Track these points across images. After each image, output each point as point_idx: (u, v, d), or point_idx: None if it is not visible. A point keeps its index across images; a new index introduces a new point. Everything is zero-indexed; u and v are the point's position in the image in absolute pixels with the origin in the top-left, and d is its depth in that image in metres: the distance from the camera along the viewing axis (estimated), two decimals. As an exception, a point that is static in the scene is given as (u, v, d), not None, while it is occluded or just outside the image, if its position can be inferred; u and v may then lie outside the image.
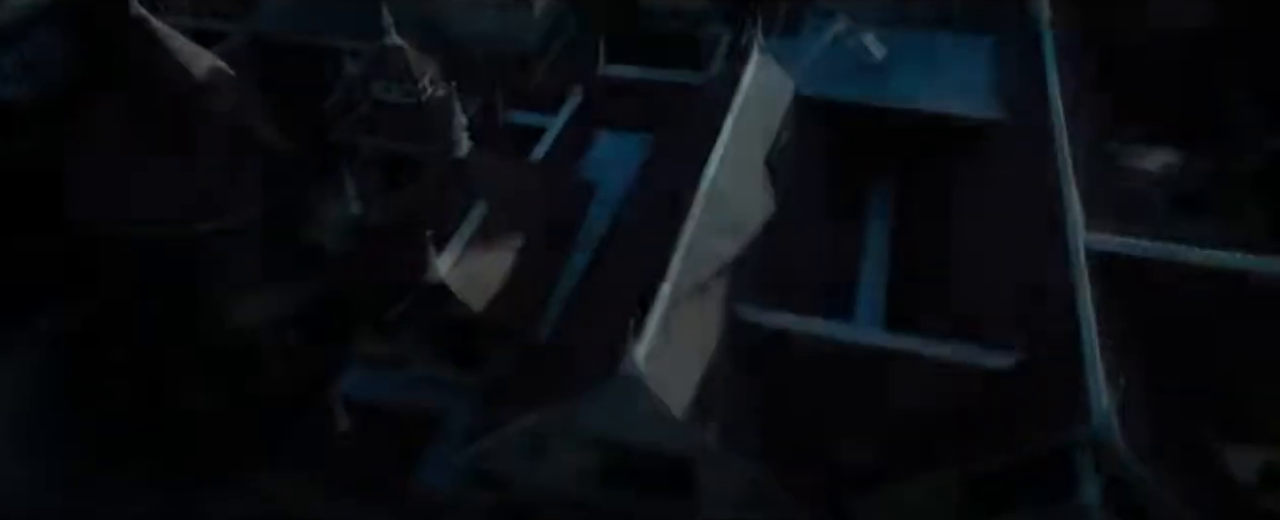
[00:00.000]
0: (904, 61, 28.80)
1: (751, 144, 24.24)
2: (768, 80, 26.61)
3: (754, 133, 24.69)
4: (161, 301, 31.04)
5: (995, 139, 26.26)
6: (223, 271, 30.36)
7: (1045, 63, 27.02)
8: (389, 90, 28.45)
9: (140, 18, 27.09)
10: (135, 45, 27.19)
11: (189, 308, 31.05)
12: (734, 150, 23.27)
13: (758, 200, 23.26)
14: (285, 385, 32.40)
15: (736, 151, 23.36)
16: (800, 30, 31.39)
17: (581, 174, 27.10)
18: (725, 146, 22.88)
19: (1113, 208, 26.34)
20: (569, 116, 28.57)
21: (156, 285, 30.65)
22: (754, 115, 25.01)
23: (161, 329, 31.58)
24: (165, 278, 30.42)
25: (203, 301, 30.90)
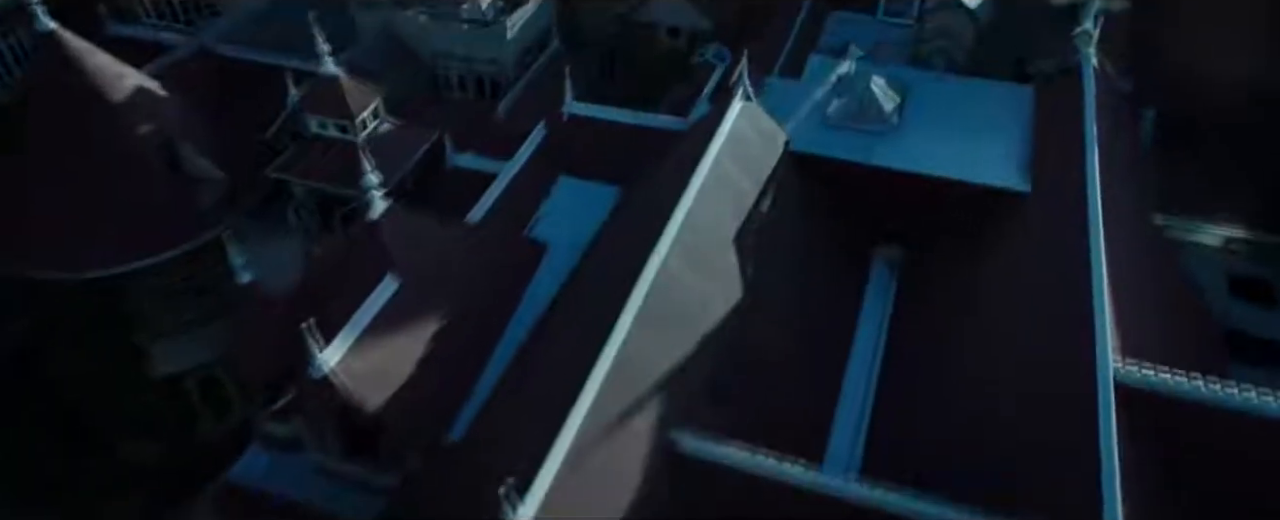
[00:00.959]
0: (919, 112, 25.00)
1: (720, 213, 20.76)
2: (752, 132, 23.07)
3: (726, 199, 21.19)
4: (79, 346, 28.64)
5: (1018, 214, 22.41)
6: (142, 316, 27.83)
7: (1084, 122, 23.11)
8: (324, 126, 25.53)
9: (47, 33, 24.47)
10: (41, 66, 24.62)
11: (107, 354, 28.59)
12: (697, 220, 19.82)
13: (720, 286, 19.80)
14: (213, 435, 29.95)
15: (700, 221, 19.91)
16: (807, 67, 27.78)
17: (531, 232, 23.86)
18: (685, 217, 19.44)
19: (1159, 297, 22.61)
20: (527, 159, 25.32)
21: (72, 329, 28.23)
22: (729, 176, 21.51)
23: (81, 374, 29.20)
24: (80, 321, 27.98)
25: (121, 347, 28.42)
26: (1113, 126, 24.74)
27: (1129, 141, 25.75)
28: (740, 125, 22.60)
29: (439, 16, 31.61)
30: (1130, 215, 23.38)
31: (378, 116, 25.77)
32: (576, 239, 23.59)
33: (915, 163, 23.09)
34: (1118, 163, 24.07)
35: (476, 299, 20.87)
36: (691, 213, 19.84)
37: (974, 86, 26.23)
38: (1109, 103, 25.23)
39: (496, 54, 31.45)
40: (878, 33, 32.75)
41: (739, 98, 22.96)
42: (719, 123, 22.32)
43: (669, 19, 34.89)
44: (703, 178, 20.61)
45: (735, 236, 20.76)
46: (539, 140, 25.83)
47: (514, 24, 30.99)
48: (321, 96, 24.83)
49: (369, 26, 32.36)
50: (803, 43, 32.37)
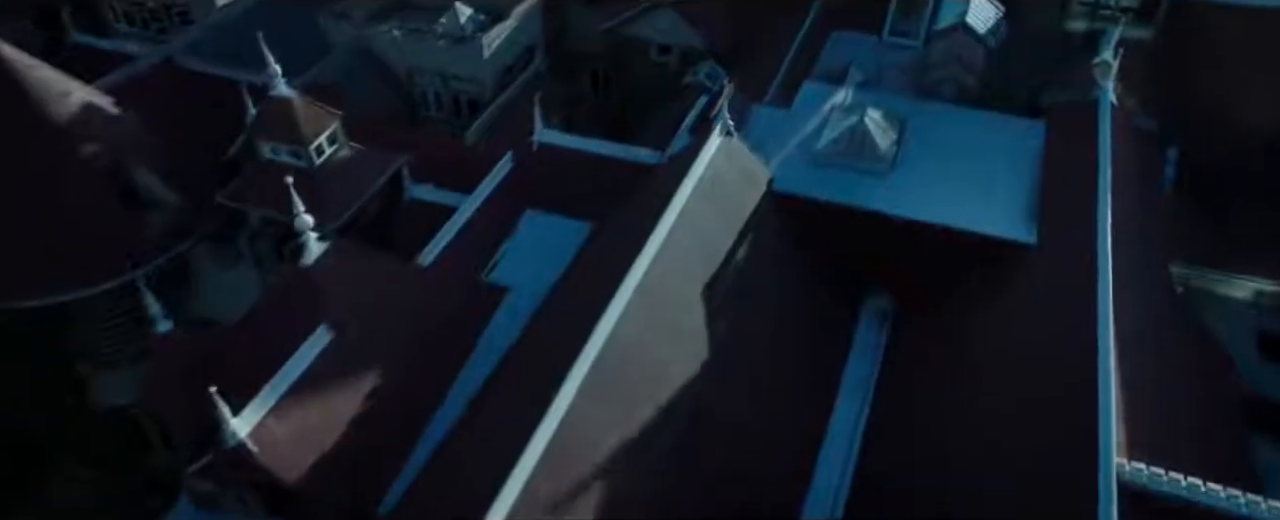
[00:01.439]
0: (918, 149, 23.15)
1: (688, 264, 19.05)
2: (730, 171, 21.34)
3: (696, 247, 19.48)
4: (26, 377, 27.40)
5: (1022, 267, 20.54)
6: (85, 346, 26.53)
7: (1099, 165, 21.18)
8: (277, 152, 24.07)
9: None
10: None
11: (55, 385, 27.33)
12: (660, 273, 18.12)
13: (684, 348, 18.09)
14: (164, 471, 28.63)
15: (664, 275, 18.21)
16: (799, 95, 25.96)
17: (490, 274, 22.27)
18: (645, 271, 17.76)
19: (1176, 360, 20.66)
20: (491, 191, 23.72)
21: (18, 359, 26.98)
22: (701, 222, 19.80)
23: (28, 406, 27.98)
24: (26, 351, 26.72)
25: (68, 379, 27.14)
26: (1131, 167, 22.82)
27: (1149, 184, 23.79)
28: (717, 164, 20.87)
29: (413, 32, 30.13)
30: (1147, 266, 21.50)
31: (336, 141, 24.25)
32: (541, 282, 21.93)
33: (910, 208, 21.24)
34: (1135, 208, 22.17)
35: (422, 352, 19.28)
36: (654, 266, 18.14)
37: (980, 120, 24.31)
38: (1128, 141, 23.29)
39: (474, 72, 29.92)
40: (882, 55, 30.78)
41: (717, 133, 21.24)
42: (692, 161, 20.65)
43: (660, 36, 33.19)
44: (669, 226, 18.90)
45: (704, 290, 19.04)
46: (506, 171, 24.22)
47: (492, 41, 29.43)
48: (272, 120, 23.36)
49: (342, 40, 30.94)
50: (801, 64, 30.48)
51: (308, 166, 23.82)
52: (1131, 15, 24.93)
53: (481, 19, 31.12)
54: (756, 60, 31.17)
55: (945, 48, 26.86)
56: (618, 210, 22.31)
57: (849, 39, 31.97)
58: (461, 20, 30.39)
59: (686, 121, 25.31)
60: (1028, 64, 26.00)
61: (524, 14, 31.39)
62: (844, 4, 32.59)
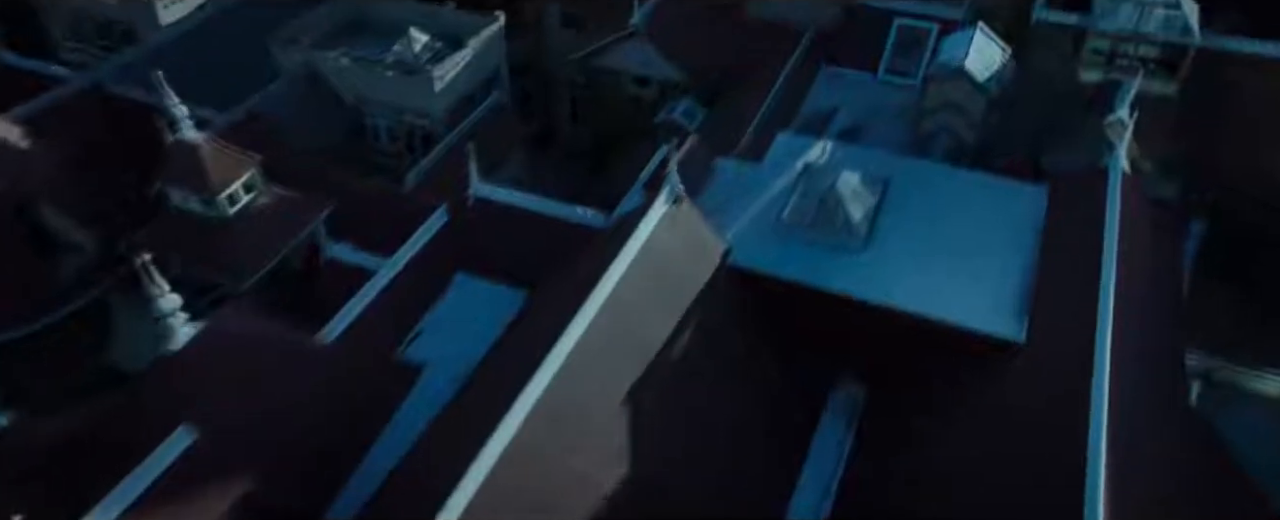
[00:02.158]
0: (898, 218, 20.56)
1: (614, 361, 16.63)
2: (676, 244, 18.90)
3: (626, 338, 17.07)
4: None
5: (1010, 366, 17.93)
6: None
7: (1104, 247, 18.50)
8: (186, 199, 22.00)
9: None
10: None
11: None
12: (577, 373, 15.74)
13: (599, 460, 15.68)
14: None
15: (581, 376, 15.82)
16: (772, 147, 23.45)
17: (406, 350, 20.04)
18: (557, 373, 15.38)
19: (1188, 472, 17.95)
20: (418, 251, 21.49)
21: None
22: (633, 308, 17.38)
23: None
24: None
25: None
26: (1146, 243, 20.11)
27: (1167, 262, 21.01)
28: (659, 237, 18.43)
29: (361, 60, 27.99)
30: (1158, 366, 18.80)
31: (253, 188, 22.15)
32: (465, 358, 19.62)
33: (882, 290, 18.68)
34: (1148, 291, 19.52)
35: (312, 449, 17.09)
36: (569, 365, 15.76)
37: (973, 182, 21.65)
38: (1143, 213, 20.56)
39: (425, 106, 27.73)
40: (875, 96, 28.31)
41: (661, 201, 18.81)
42: (629, 234, 18.24)
43: (635, 67, 30.84)
44: (592, 316, 16.50)
45: (632, 391, 16.65)
46: (437, 227, 21.98)
47: (444, 73, 27.19)
48: (179, 166, 21.30)
49: (289, 66, 28.88)
50: (785, 104, 28.08)
51: (218, 217, 21.76)
52: (1152, 67, 22.15)
53: (438, 46, 28.92)
54: (739, 97, 28.69)
55: (940, 94, 24.26)
56: (548, 284, 20.01)
57: (841, 76, 29.52)
58: (416, 48, 28.21)
59: (644, 174, 22.90)
60: (1034, 116, 23.30)
61: (484, 42, 29.15)
62: (838, 35, 30.18)
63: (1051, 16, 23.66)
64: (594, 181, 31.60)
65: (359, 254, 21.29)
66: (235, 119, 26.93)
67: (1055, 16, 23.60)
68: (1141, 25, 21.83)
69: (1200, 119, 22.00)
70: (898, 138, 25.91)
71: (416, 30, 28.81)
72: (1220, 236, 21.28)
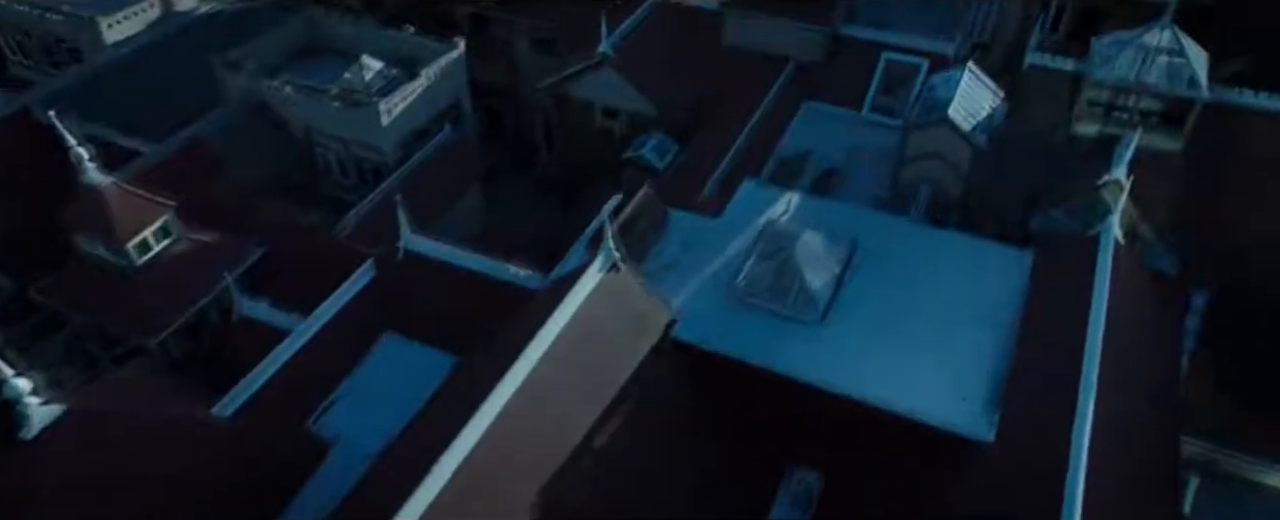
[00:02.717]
0: (864, 287, 18.75)
1: (525, 451, 14.96)
2: (611, 316, 17.16)
3: (543, 426, 15.40)
4: None
5: (975, 468, 16.10)
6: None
7: (1089, 328, 16.64)
8: (94, 246, 20.52)
9: None
10: None
11: None
12: (482, 467, 14.12)
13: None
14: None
15: (486, 469, 14.20)
16: (735, 197, 21.67)
17: (318, 420, 18.42)
18: (458, 468, 13.76)
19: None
20: (341, 309, 19.89)
21: None
22: (556, 390, 15.70)
23: None
24: None
25: None
26: (1139, 319, 18.22)
27: (1165, 340, 19.08)
28: (593, 309, 16.71)
29: (307, 89, 26.45)
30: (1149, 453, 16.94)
31: (168, 235, 20.66)
32: (381, 432, 17.98)
33: (839, 375, 16.85)
34: (1140, 373, 17.68)
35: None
36: (480, 452, 14.19)
37: (952, 246, 19.79)
38: (1137, 286, 18.67)
39: (372, 139, 26.16)
40: (857, 136, 26.38)
41: (597, 266, 17.11)
42: (560, 303, 16.55)
43: (604, 98, 29.15)
44: (507, 398, 14.85)
45: (552, 482, 14.97)
46: (363, 283, 20.38)
47: (393, 107, 25.61)
48: (85, 211, 19.86)
49: (235, 92, 27.40)
50: (760, 143, 26.24)
51: (127, 266, 20.30)
52: (1155, 121, 20.21)
53: (393, 74, 27.33)
54: (711, 134, 26.90)
55: (922, 143, 22.37)
56: (474, 353, 18.35)
57: (823, 113, 27.58)
58: (367, 76, 26.64)
59: (594, 225, 21.19)
60: (1025, 170, 21.37)
61: (442, 71, 27.56)
62: (821, 68, 28.33)
63: (1045, 62, 21.81)
64: (569, 214, 29.99)
65: (275, 313, 19.68)
66: (171, 150, 25.54)
67: (1049, 62, 21.74)
68: (1143, 75, 19.92)
69: (1207, 180, 19.98)
70: (878, 186, 24.05)
71: (369, 57, 27.25)
72: (1226, 312, 19.33)
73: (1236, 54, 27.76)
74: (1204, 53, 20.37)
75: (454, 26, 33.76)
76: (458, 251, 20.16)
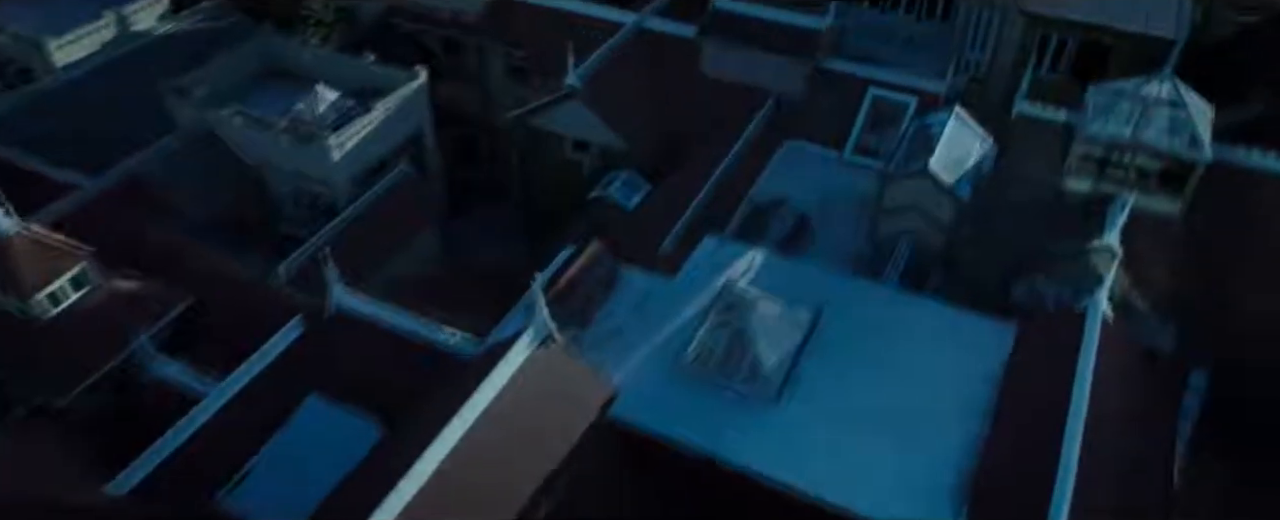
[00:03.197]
0: (827, 361, 17.15)
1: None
2: (545, 389, 15.80)
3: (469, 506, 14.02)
4: None
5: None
6: None
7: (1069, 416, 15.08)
8: (3, 296, 19.32)
9: None
10: None
11: None
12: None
13: None
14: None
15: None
16: (694, 253, 20.17)
17: (229, 494, 17.09)
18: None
19: None
20: (262, 370, 18.59)
21: None
22: (484, 464, 14.34)
23: None
24: None
25: None
26: (1128, 405, 16.61)
27: (1155, 430, 17.42)
28: (521, 387, 15.34)
29: (255, 120, 25.21)
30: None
31: (84, 284, 19.44)
32: (295, 509, 16.72)
33: (788, 467, 15.31)
34: (1128, 464, 16.03)
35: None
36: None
37: (926, 315, 18.15)
38: (1128, 368, 17.03)
39: (323, 175, 24.90)
40: (838, 179, 24.81)
41: (526, 341, 15.70)
42: (485, 378, 15.16)
43: (574, 131, 27.80)
44: (421, 484, 13.54)
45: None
46: (289, 341, 19.07)
47: (344, 141, 24.34)
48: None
49: (184, 121, 26.23)
50: (733, 185, 24.74)
51: (37, 318, 19.08)
52: (1153, 181, 18.55)
53: (349, 105, 26.04)
54: (684, 174, 25.45)
55: (902, 195, 20.83)
56: (398, 427, 17.00)
57: (803, 153, 26.06)
58: (320, 108, 25.35)
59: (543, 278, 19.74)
60: (1011, 227, 19.77)
61: (401, 102, 26.26)
62: (803, 103, 26.81)
63: (1035, 111, 20.19)
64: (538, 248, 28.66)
65: (189, 376, 18.39)
66: (108, 184, 24.42)
67: (1039, 112, 20.12)
68: (1140, 130, 18.29)
69: (1210, 247, 18.33)
70: (855, 238, 22.50)
71: (324, 87, 25.98)
72: (1229, 393, 17.66)
73: (1253, 95, 26.12)
74: (1209, 107, 18.73)
75: (428, 51, 32.60)
76: (390, 311, 18.82)
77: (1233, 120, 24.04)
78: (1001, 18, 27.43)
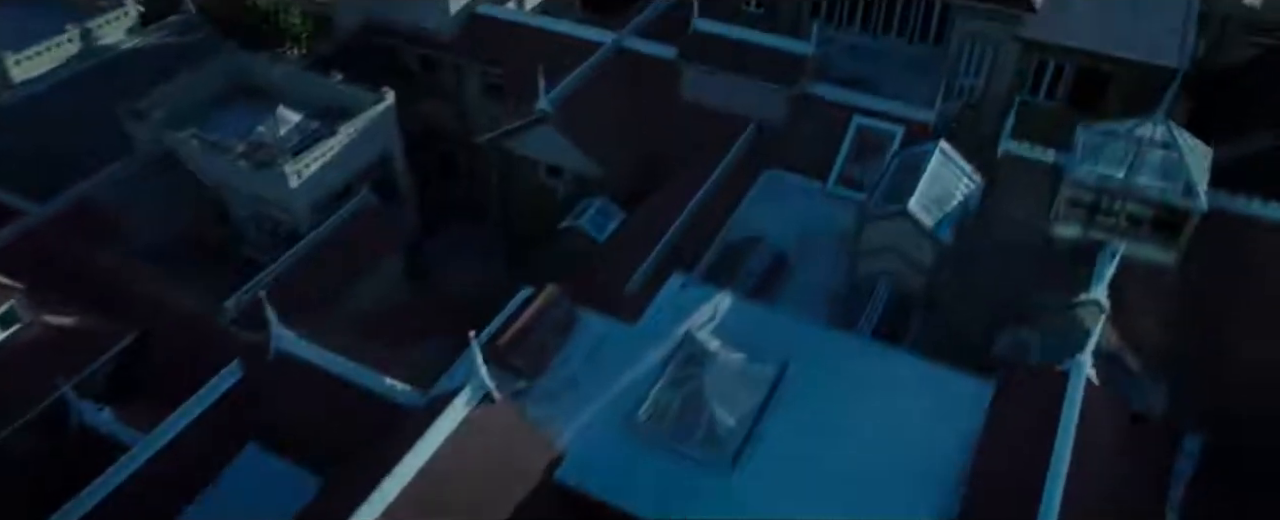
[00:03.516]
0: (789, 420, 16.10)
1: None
2: (485, 452, 14.83)
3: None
4: None
5: None
6: None
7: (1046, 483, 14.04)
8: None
9: None
10: None
11: None
12: None
13: None
14: None
15: None
16: (658, 296, 19.17)
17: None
18: None
19: None
20: (197, 417, 17.66)
21: None
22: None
23: None
24: None
25: None
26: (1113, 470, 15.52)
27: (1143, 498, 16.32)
28: (459, 447, 14.38)
29: (211, 144, 24.34)
30: None
31: (12, 323, 18.56)
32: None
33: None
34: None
35: None
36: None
37: (898, 372, 17.00)
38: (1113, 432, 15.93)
39: (282, 201, 24.02)
40: (820, 213, 23.70)
41: (464, 399, 14.74)
42: (420, 438, 14.23)
43: (547, 155, 26.84)
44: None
45: None
46: (227, 385, 18.14)
47: (303, 168, 23.43)
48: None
49: (142, 142, 25.40)
50: (709, 218, 23.65)
51: (-42, 360, 18.28)
52: (1146, 228, 17.43)
53: (313, 127, 25.14)
54: (658, 205, 24.39)
55: (881, 236, 19.76)
56: (335, 482, 16.07)
57: (783, 183, 25.02)
58: (281, 131, 24.46)
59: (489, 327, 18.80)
60: (995, 274, 18.68)
61: (367, 124, 25.29)
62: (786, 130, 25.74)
63: (1021, 151, 19.08)
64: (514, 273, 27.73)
65: (119, 426, 17.50)
66: (56, 210, 23.49)
67: (1026, 152, 18.99)
68: (1133, 174, 17.19)
69: (1206, 300, 17.20)
70: (834, 275, 21.43)
71: (286, 109, 25.08)
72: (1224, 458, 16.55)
73: (1262, 126, 24.94)
74: (1207, 150, 17.59)
75: (404, 69, 31.73)
76: (332, 356, 17.84)
77: (1238, 153, 22.97)
78: (996, 43, 26.44)
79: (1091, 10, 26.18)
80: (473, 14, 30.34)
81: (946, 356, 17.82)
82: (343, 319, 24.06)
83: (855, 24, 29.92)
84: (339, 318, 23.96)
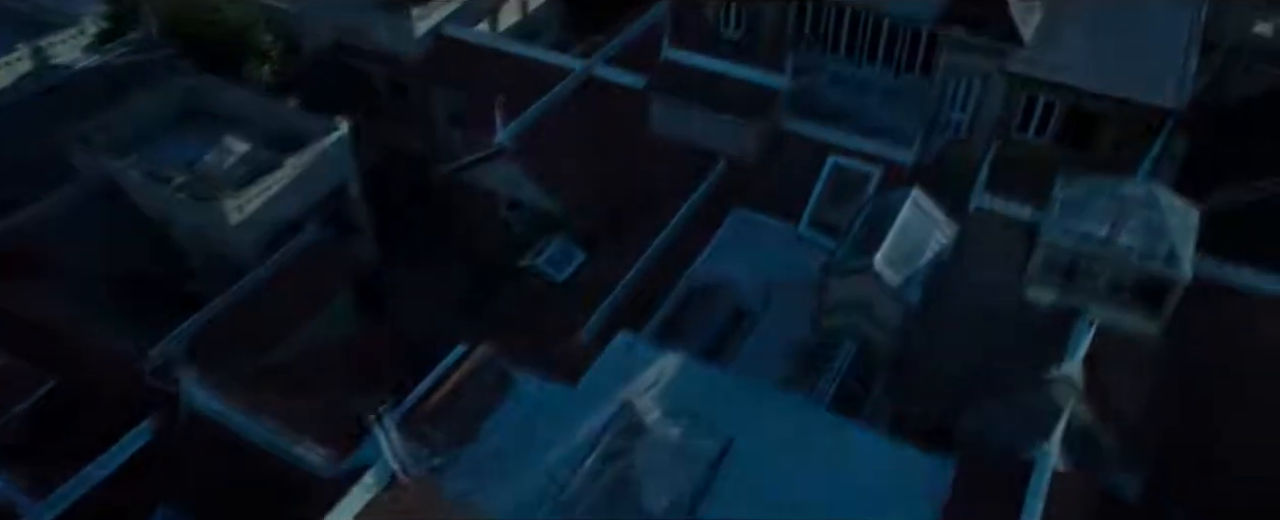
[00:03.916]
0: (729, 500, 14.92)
1: None
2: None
3: None
4: None
5: None
6: None
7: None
8: None
9: None
10: None
11: None
12: None
13: None
14: None
15: None
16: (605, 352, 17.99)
17: (41, 638, 15.23)
18: None
19: None
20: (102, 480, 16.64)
21: None
22: None
23: None
24: None
25: None
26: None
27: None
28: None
29: (151, 175, 23.32)
30: None
31: (-80, 370, 17.66)
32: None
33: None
34: None
35: None
36: None
37: (853, 452, 15.73)
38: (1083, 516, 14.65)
39: (226, 237, 23.01)
40: (791, 258, 22.34)
41: (368, 481, 13.63)
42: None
43: (507, 188, 25.73)
44: None
45: None
46: (136, 447, 17.09)
47: (244, 201, 22.41)
48: None
49: (88, 170, 24.46)
50: (672, 261, 22.49)
51: None
52: (1126, 296, 16.13)
53: (263, 157, 24.05)
54: (618, 247, 23.25)
55: (845, 292, 18.51)
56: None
57: (753, 224, 23.75)
58: (227, 162, 23.45)
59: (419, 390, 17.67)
60: (966, 338, 17.39)
61: (319, 156, 24.22)
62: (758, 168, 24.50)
63: (994, 206, 17.82)
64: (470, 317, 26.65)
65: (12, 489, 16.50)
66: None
67: (1000, 207, 17.72)
68: (1114, 235, 15.93)
69: (1192, 376, 15.87)
70: (800, 328, 20.16)
71: (233, 138, 24.02)
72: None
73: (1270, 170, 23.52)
74: (1194, 212, 16.24)
75: (373, 92, 30.73)
76: (246, 420, 16.78)
77: (1238, 201, 21.60)
78: (984, 76, 25.14)
79: (1084, 44, 24.79)
80: (439, 35, 29.38)
81: (910, 422, 16.64)
82: (286, 361, 23.13)
83: (840, 51, 28.74)
84: (281, 360, 23.02)
